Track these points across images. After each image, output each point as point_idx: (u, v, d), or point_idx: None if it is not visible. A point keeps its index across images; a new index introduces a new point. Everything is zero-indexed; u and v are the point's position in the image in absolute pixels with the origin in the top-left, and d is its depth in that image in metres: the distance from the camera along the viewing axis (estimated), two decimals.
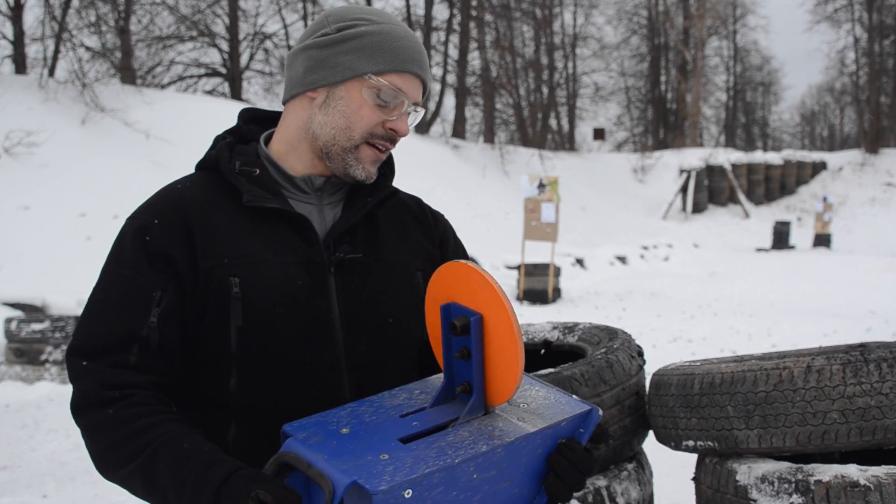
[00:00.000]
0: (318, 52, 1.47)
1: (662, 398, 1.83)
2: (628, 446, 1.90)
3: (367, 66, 1.45)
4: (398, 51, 1.46)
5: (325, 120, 1.47)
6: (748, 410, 1.65)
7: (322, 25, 1.50)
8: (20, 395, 7.22)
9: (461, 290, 1.30)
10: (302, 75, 1.49)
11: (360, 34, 1.46)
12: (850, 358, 1.60)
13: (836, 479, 1.51)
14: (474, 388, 1.29)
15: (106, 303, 1.39)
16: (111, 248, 1.47)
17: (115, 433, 1.29)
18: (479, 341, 1.28)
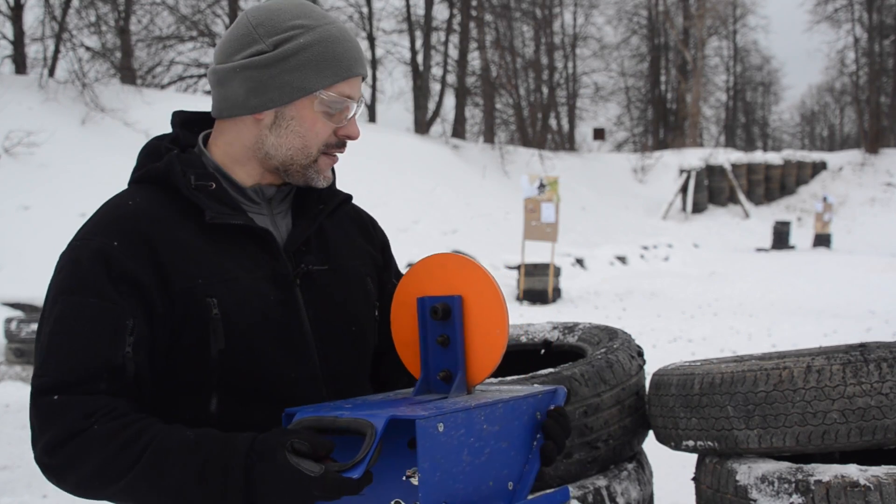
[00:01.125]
0: (258, 74, 1.39)
1: (662, 398, 1.83)
2: (628, 446, 1.90)
3: (315, 82, 1.39)
4: (341, 57, 1.41)
5: (280, 142, 1.42)
6: (748, 410, 1.65)
7: (253, 40, 1.40)
8: (20, 395, 7.22)
9: (433, 282, 1.37)
10: (244, 98, 1.40)
11: (300, 48, 1.38)
12: (850, 358, 1.60)
13: (836, 479, 1.51)
14: (458, 368, 1.34)
15: (71, 334, 1.28)
16: (59, 275, 1.34)
17: (106, 448, 1.22)
18: (461, 322, 1.34)
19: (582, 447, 1.77)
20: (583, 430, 1.76)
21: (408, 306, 1.40)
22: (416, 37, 29.32)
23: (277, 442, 1.16)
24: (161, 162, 1.42)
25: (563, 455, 1.70)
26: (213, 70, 1.45)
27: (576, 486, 1.77)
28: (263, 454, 1.17)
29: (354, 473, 1.13)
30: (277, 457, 1.15)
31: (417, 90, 28.23)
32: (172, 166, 1.40)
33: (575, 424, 1.76)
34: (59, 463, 1.25)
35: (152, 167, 1.42)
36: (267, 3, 1.44)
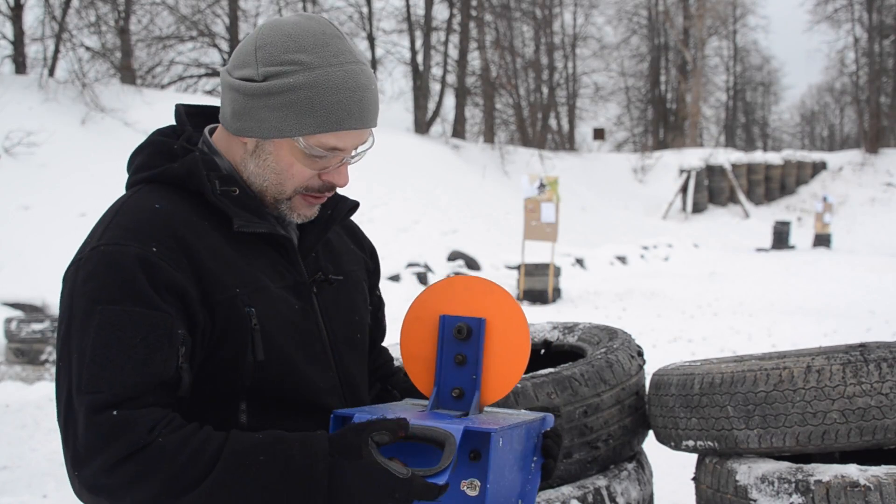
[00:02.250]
0: (242, 100, 1.33)
1: (662, 398, 1.83)
2: (628, 446, 1.90)
3: (293, 129, 1.31)
4: (331, 108, 1.30)
5: (257, 171, 1.37)
6: (748, 410, 1.65)
7: (249, 62, 1.33)
8: (20, 395, 7.22)
9: (455, 302, 1.40)
10: (230, 118, 1.36)
11: (287, 87, 1.29)
12: (850, 358, 1.60)
13: (836, 479, 1.51)
14: (475, 387, 1.38)
15: (122, 346, 1.20)
16: (89, 283, 1.24)
17: (175, 460, 1.16)
18: (482, 344, 1.38)
19: (582, 447, 1.77)
20: (583, 429, 1.77)
21: (423, 322, 1.42)
22: (416, 37, 29.32)
23: (359, 439, 1.16)
24: (180, 163, 1.35)
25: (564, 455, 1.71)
26: (222, 74, 1.40)
27: (576, 486, 1.77)
28: (347, 452, 1.16)
29: (439, 480, 1.16)
30: (363, 455, 1.15)
31: (417, 90, 28.23)
32: (197, 169, 1.34)
33: (575, 424, 1.76)
34: (119, 482, 1.16)
35: (169, 168, 1.35)
36: (288, 22, 1.35)
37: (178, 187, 1.35)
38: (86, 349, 1.21)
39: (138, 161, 1.40)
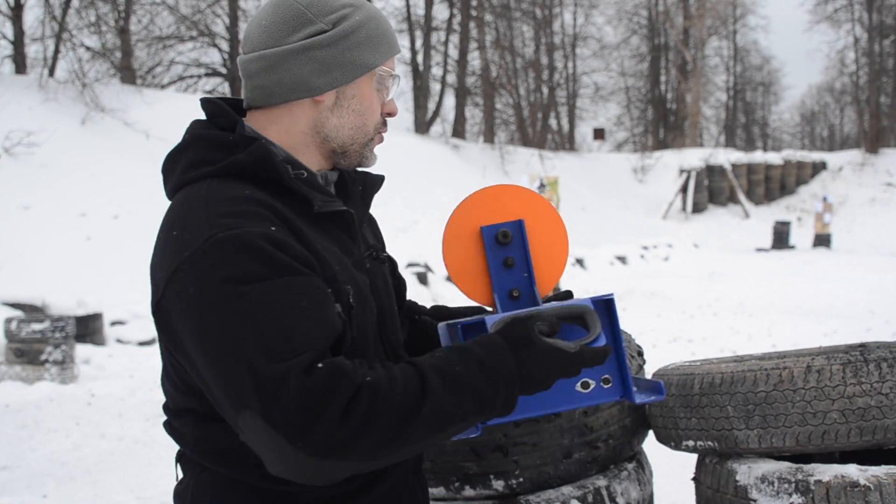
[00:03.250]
0: (322, 53, 1.35)
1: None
2: (628, 446, 1.90)
3: (375, 58, 1.39)
4: (389, 34, 1.42)
5: (341, 122, 1.39)
6: (748, 410, 1.65)
7: (308, 20, 1.35)
8: (20, 395, 7.22)
9: (489, 212, 1.55)
10: (308, 79, 1.35)
11: (357, 25, 1.37)
12: (850, 358, 1.60)
13: (835, 479, 1.52)
14: (530, 284, 1.54)
15: (294, 310, 1.19)
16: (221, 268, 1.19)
17: (393, 390, 1.17)
18: (526, 243, 1.54)
19: (582, 447, 1.77)
20: (583, 429, 1.77)
21: (462, 238, 1.54)
22: (416, 37, 29.33)
23: (527, 329, 1.27)
24: (247, 153, 1.32)
25: (563, 455, 1.71)
26: (260, 56, 1.36)
27: (575, 486, 1.77)
28: (520, 343, 1.26)
29: (601, 342, 1.31)
30: (535, 341, 1.26)
31: (417, 90, 28.24)
32: (270, 156, 1.31)
33: (575, 424, 1.76)
34: (351, 430, 1.14)
35: (236, 160, 1.31)
36: None
37: (244, 178, 1.32)
38: (259, 327, 1.17)
39: (189, 158, 1.36)
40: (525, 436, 1.72)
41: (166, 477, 5.01)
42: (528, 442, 1.72)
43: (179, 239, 1.25)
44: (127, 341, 9.50)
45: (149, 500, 4.60)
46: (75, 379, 7.94)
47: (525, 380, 1.25)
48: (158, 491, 4.74)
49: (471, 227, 1.54)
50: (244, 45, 1.41)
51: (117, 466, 5.24)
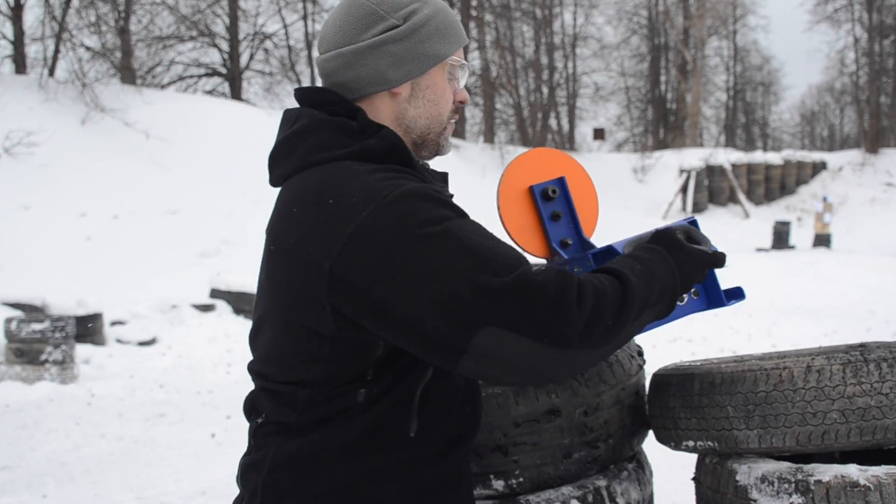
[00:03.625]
0: (396, 47, 1.42)
1: (662, 398, 1.83)
2: (628, 446, 1.90)
3: (445, 49, 1.46)
4: (456, 25, 1.50)
5: (418, 112, 1.46)
6: (748, 410, 1.65)
7: (380, 17, 1.42)
8: (20, 395, 7.23)
9: (534, 173, 1.76)
10: (384, 73, 1.42)
11: (426, 18, 1.44)
12: (850, 358, 1.60)
13: (836, 479, 1.52)
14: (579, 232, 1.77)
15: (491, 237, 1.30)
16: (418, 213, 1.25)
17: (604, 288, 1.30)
18: (570, 197, 1.77)
19: (582, 446, 1.77)
20: (583, 429, 1.77)
21: (514, 198, 1.73)
22: None
23: (675, 239, 1.49)
24: (378, 139, 1.38)
25: (563, 455, 1.72)
26: (337, 54, 1.43)
27: (575, 486, 1.77)
28: (675, 247, 1.47)
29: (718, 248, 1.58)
30: (683, 246, 1.48)
31: None
32: (401, 143, 1.40)
33: (575, 424, 1.76)
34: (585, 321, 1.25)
35: (368, 144, 1.37)
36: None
37: (376, 162, 1.37)
38: (473, 251, 1.24)
39: (315, 141, 1.39)
40: (525, 435, 1.72)
41: (166, 477, 5.01)
42: (528, 442, 1.72)
43: (341, 205, 1.27)
44: (127, 341, 9.50)
45: (149, 500, 4.60)
46: (75, 379, 7.94)
47: (684, 275, 1.46)
48: (158, 491, 4.74)
49: (520, 187, 1.73)
50: (320, 46, 1.48)
51: (117, 466, 5.24)
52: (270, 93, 29.11)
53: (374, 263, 1.23)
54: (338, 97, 1.43)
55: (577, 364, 1.29)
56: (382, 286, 1.23)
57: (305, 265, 1.29)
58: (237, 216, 15.15)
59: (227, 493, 4.65)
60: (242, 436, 5.87)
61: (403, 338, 1.26)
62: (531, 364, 1.24)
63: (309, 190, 1.33)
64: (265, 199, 16.28)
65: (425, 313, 1.22)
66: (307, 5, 29.16)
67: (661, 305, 1.41)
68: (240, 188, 16.27)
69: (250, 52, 28.47)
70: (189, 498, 4.61)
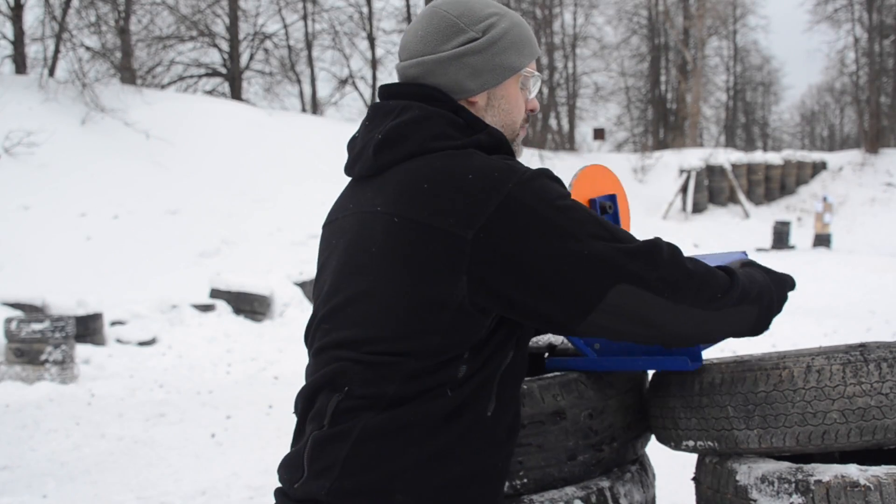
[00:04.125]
0: (474, 59, 1.50)
1: (662, 398, 1.83)
2: (632, 449, 1.90)
3: (520, 61, 1.53)
4: (531, 39, 1.57)
5: (493, 120, 1.54)
6: (748, 410, 1.65)
7: (460, 30, 1.51)
8: (20, 395, 7.23)
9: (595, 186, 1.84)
10: (463, 82, 1.50)
11: (503, 32, 1.52)
12: (850, 358, 1.60)
13: (836, 479, 1.52)
14: None
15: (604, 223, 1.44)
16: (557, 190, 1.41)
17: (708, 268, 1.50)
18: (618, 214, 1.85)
19: (587, 449, 1.77)
20: (587, 432, 1.77)
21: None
22: None
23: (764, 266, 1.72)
24: (487, 134, 1.47)
25: (568, 457, 1.73)
26: (418, 62, 1.51)
27: (579, 487, 1.77)
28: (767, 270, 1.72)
29: None
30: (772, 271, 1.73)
31: None
32: (505, 139, 1.50)
33: (580, 427, 1.77)
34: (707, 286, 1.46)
35: (478, 139, 1.46)
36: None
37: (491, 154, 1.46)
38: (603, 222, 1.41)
39: (432, 131, 1.45)
40: (530, 437, 1.72)
41: (166, 477, 5.01)
42: (533, 443, 1.72)
43: (486, 179, 1.37)
44: (127, 341, 9.50)
45: (149, 500, 4.60)
46: (75, 379, 7.94)
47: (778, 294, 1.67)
48: (158, 491, 4.74)
49: (582, 198, 1.79)
50: (401, 54, 1.56)
51: (117, 466, 5.24)
52: (270, 93, 29.12)
53: (521, 227, 1.35)
54: (441, 93, 1.50)
55: (691, 322, 1.46)
56: (530, 249, 1.35)
57: (443, 236, 1.35)
58: (237, 216, 15.16)
59: (227, 493, 4.65)
60: (243, 436, 5.88)
61: (541, 298, 1.38)
62: (659, 319, 1.43)
63: (440, 169, 1.40)
64: (265, 199, 16.28)
65: (568, 270, 1.36)
66: (307, 5, 29.16)
67: (759, 307, 1.57)
68: (240, 188, 16.27)
69: (250, 52, 28.48)
70: (189, 498, 4.61)
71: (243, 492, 4.66)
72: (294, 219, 15.39)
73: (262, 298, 10.86)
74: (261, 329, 10.41)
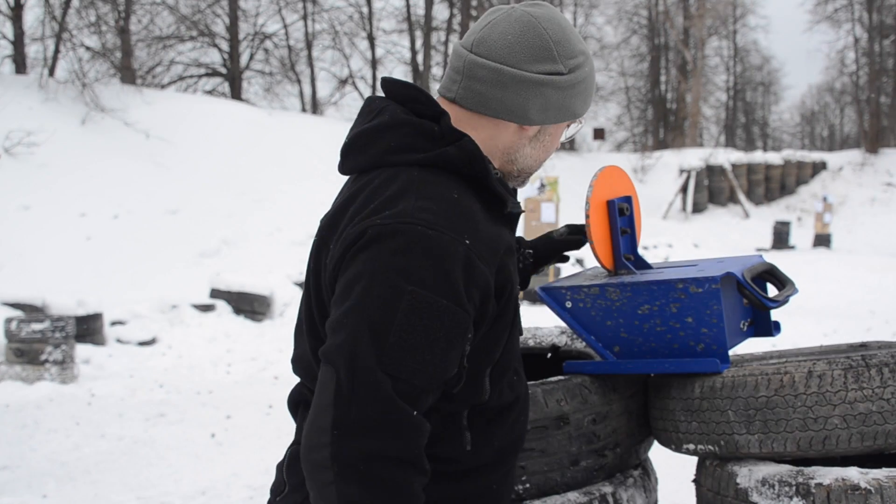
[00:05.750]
0: (553, 94, 1.40)
1: (663, 401, 1.83)
2: (635, 454, 1.90)
3: (582, 109, 1.48)
4: (594, 89, 1.51)
5: (533, 153, 1.47)
6: (749, 415, 1.65)
7: (552, 57, 1.39)
8: (20, 395, 7.22)
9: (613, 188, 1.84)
10: (526, 109, 1.40)
11: (584, 76, 1.44)
12: (852, 363, 1.60)
13: (836, 483, 1.52)
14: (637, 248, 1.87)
15: (429, 338, 1.22)
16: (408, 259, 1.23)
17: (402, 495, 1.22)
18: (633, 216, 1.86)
19: (589, 454, 1.77)
20: (591, 437, 1.76)
21: (599, 210, 1.80)
22: (416, 37, 29.31)
23: None
24: (457, 148, 1.35)
25: (571, 462, 1.72)
26: (496, 69, 1.38)
27: (581, 492, 1.77)
28: None
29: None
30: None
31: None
32: (480, 154, 1.37)
33: (583, 432, 1.76)
34: (371, 474, 1.18)
35: (446, 153, 1.35)
36: (554, 17, 1.43)
37: (450, 171, 1.36)
38: (389, 326, 1.21)
39: (392, 140, 1.38)
40: (533, 441, 1.71)
41: (166, 477, 5.01)
42: (536, 448, 1.72)
43: (379, 211, 1.28)
44: (127, 341, 9.49)
45: (149, 500, 4.60)
46: (75, 379, 7.94)
47: None
48: (158, 491, 4.74)
49: (601, 199, 1.80)
50: (478, 46, 1.41)
51: (117, 466, 5.23)
52: (270, 93, 29.09)
53: (350, 259, 1.27)
54: (426, 97, 1.42)
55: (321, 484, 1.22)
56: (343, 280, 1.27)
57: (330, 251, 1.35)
58: (237, 216, 15.15)
59: (227, 493, 4.65)
60: (242, 436, 5.88)
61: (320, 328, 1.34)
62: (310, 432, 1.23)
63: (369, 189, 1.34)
64: (265, 199, 16.28)
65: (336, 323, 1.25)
66: (307, 5, 29.14)
67: None
68: (240, 188, 16.26)
69: (250, 52, 28.46)
70: (189, 498, 4.61)
71: (243, 492, 4.67)
72: (294, 219, 15.38)
73: (262, 298, 10.86)
74: (261, 329, 10.41)
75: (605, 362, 1.84)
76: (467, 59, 1.41)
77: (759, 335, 1.90)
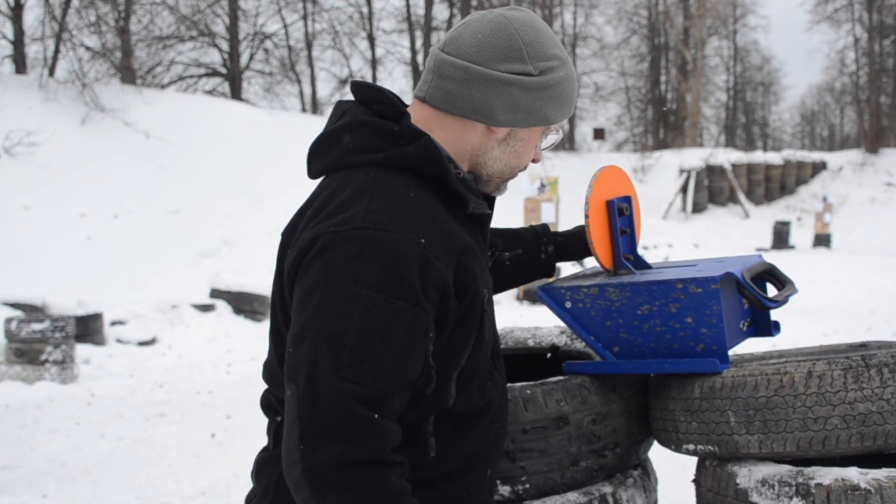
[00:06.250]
0: (520, 95, 1.38)
1: (663, 401, 1.83)
2: (635, 454, 1.90)
3: (557, 116, 1.45)
4: (574, 97, 1.48)
5: (501, 157, 1.44)
6: (749, 415, 1.65)
7: (521, 58, 1.38)
8: (20, 395, 7.23)
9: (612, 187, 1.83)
10: (492, 110, 1.38)
11: (557, 81, 1.42)
12: (852, 363, 1.60)
13: (836, 483, 1.52)
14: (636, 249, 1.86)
15: (387, 340, 1.21)
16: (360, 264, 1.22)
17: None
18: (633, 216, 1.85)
19: (589, 454, 1.77)
20: (591, 437, 1.76)
21: (598, 210, 1.79)
22: (416, 37, 29.32)
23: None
24: (416, 147, 1.34)
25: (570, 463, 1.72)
26: (463, 66, 1.38)
27: (581, 493, 1.77)
28: None
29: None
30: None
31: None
32: (438, 153, 1.35)
33: (583, 432, 1.76)
34: (342, 482, 1.18)
35: (404, 152, 1.34)
36: (528, 19, 1.41)
37: (408, 171, 1.35)
38: (346, 333, 1.20)
39: (353, 141, 1.37)
40: (533, 442, 1.71)
41: (166, 477, 5.01)
42: (536, 448, 1.71)
43: (332, 215, 1.28)
44: (127, 341, 9.50)
45: (149, 500, 4.60)
46: (75, 379, 7.94)
47: None
48: (158, 491, 4.74)
49: (600, 199, 1.80)
50: (449, 45, 1.41)
51: (117, 466, 5.24)
52: (270, 93, 29.11)
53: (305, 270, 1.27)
54: (388, 98, 1.42)
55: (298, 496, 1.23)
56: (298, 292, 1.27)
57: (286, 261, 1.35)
58: (237, 216, 15.15)
59: (227, 493, 4.65)
60: (243, 436, 5.88)
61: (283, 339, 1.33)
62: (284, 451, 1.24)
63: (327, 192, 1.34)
64: (265, 199, 16.28)
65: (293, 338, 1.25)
66: (307, 5, 29.15)
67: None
68: (240, 188, 16.27)
69: (250, 52, 28.47)
70: (189, 498, 4.61)
71: (243, 492, 4.65)
72: None
73: (262, 298, 10.86)
74: (261, 329, 10.40)
75: (604, 362, 1.83)
76: (437, 57, 1.41)
77: (759, 335, 1.89)
